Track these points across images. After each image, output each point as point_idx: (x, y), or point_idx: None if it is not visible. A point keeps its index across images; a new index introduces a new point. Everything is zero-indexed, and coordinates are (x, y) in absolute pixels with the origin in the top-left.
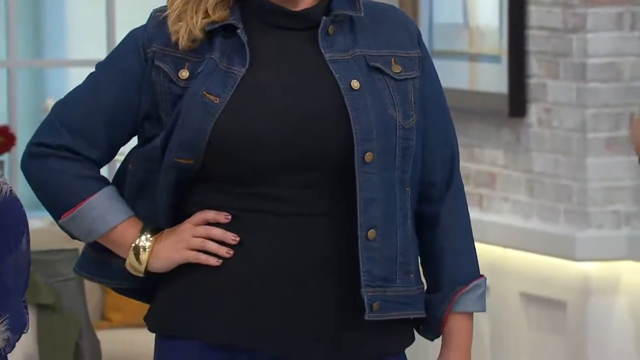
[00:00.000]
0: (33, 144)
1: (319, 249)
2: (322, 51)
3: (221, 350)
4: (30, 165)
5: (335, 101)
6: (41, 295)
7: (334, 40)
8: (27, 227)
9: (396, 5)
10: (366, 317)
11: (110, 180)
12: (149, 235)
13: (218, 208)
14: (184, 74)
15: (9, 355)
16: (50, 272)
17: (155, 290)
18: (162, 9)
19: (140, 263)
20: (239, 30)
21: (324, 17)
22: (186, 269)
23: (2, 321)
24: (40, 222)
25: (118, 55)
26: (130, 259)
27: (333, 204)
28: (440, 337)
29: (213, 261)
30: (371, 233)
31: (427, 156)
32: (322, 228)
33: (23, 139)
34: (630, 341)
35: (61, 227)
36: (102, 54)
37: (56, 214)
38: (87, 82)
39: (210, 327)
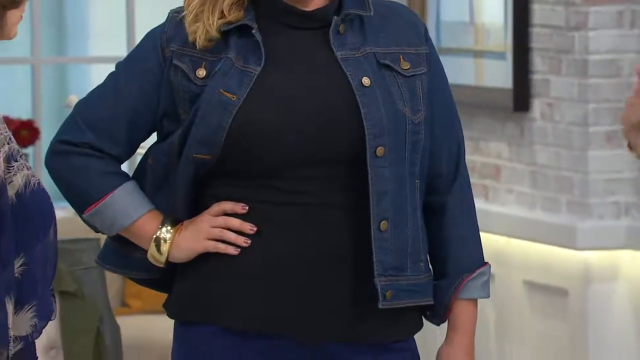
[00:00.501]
0: (57, 141)
1: (334, 240)
2: (334, 49)
3: (237, 336)
4: (54, 162)
5: (347, 98)
6: (64, 283)
7: (344, 38)
8: (55, 218)
9: (404, 3)
10: (380, 306)
11: (131, 175)
12: (169, 227)
13: (235, 200)
14: (202, 72)
15: (35, 341)
16: (73, 260)
17: (172, 281)
18: (180, 10)
19: (161, 254)
20: (253, 30)
21: (335, 17)
22: (204, 258)
23: (30, 308)
24: (63, 212)
25: (137, 56)
26: (152, 250)
27: (347, 196)
28: (446, 322)
29: (232, 250)
30: (383, 224)
31: (434, 148)
32: (337, 219)
33: (46, 132)
34: (629, 326)
35: (84, 221)
36: (122, 52)
37: (79, 209)
38: (108, 82)
39: (227, 313)
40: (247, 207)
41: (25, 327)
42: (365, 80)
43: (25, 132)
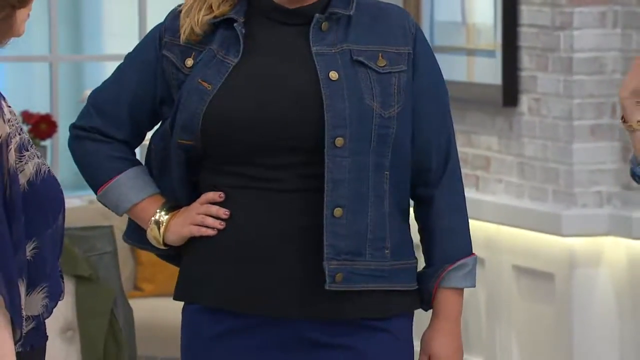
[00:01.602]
0: (73, 127)
1: (294, 224)
2: (311, 44)
3: (217, 314)
4: (72, 145)
5: (314, 90)
6: (79, 268)
7: (325, 35)
8: (64, 204)
9: (400, 4)
10: (326, 287)
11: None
12: (165, 211)
13: (216, 185)
14: (189, 62)
15: (53, 323)
16: (88, 246)
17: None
18: (180, 6)
19: (159, 236)
20: (235, 24)
21: (317, 14)
22: (194, 242)
23: (42, 289)
24: (79, 201)
25: (140, 47)
26: (152, 232)
27: (308, 182)
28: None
29: (211, 232)
30: (338, 211)
31: (422, 144)
32: (297, 204)
33: (63, 126)
34: (612, 309)
35: (99, 201)
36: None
37: (93, 189)
38: (115, 72)
39: (206, 293)
40: (223, 195)
41: (37, 307)
42: (333, 75)
43: (44, 125)
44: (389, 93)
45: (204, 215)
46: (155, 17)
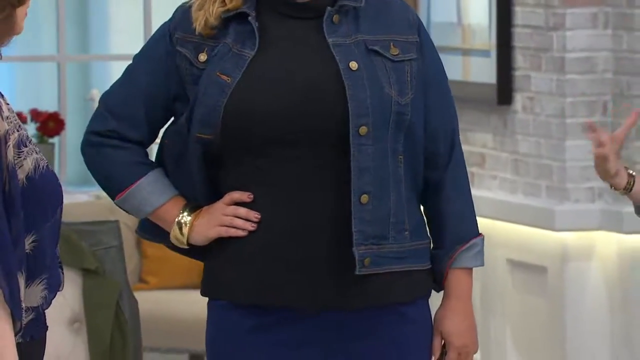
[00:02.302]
0: (89, 132)
1: (321, 213)
2: (326, 36)
3: (248, 309)
4: (88, 152)
5: (335, 81)
6: (86, 261)
7: (337, 27)
8: (62, 197)
9: None
10: (357, 272)
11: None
12: (187, 213)
13: (239, 181)
14: (203, 57)
15: (60, 315)
16: (94, 241)
17: (201, 249)
18: (188, 1)
19: (183, 236)
20: (250, 17)
21: (329, 7)
22: (222, 242)
23: (41, 281)
24: (86, 196)
25: (149, 45)
26: (175, 233)
27: (335, 172)
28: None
29: (241, 233)
30: (364, 197)
31: (431, 130)
32: (322, 194)
33: (71, 124)
34: (603, 301)
35: (118, 205)
36: (139, 48)
37: (111, 195)
38: (125, 73)
39: (237, 289)
40: (252, 196)
41: (37, 298)
42: (353, 64)
43: (52, 123)
44: (403, 81)
45: (233, 217)
46: (160, 17)
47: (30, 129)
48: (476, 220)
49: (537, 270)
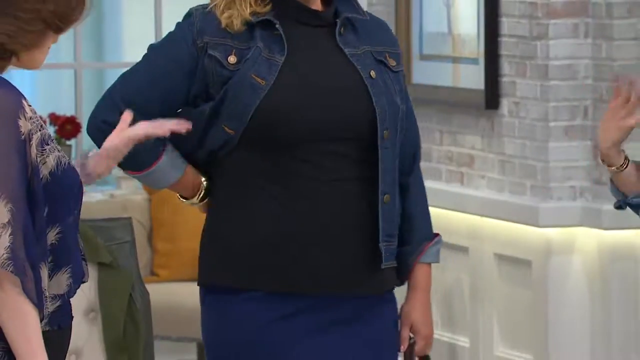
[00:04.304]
0: (100, 121)
1: (349, 208)
2: (341, 46)
3: (275, 297)
4: (97, 137)
5: (360, 87)
6: (101, 256)
7: (345, 38)
8: (82, 191)
9: (392, 16)
10: (382, 266)
11: None
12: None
13: (268, 174)
14: (232, 59)
15: (77, 305)
16: (108, 236)
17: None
18: (202, 6)
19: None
20: (277, 25)
21: (342, 17)
22: (252, 228)
23: (66, 270)
24: (100, 195)
25: (169, 44)
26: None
27: (358, 171)
28: (406, 283)
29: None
30: (386, 197)
31: (406, 136)
32: (351, 191)
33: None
34: (584, 293)
35: (138, 179)
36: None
37: (131, 171)
38: (143, 64)
39: (267, 279)
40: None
41: (63, 286)
42: (372, 73)
43: (69, 126)
44: (401, 90)
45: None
46: (170, 27)
47: (49, 131)
48: (431, 221)
49: (522, 264)
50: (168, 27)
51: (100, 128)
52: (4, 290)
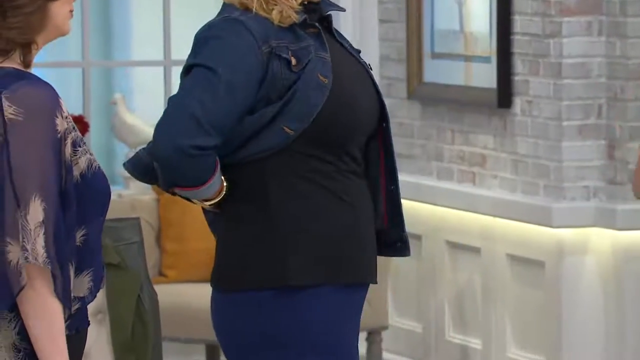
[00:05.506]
0: (189, 146)
1: (370, 201)
2: (345, 45)
3: (353, 287)
4: (179, 160)
5: (368, 79)
6: (109, 256)
7: (337, 33)
8: (110, 196)
9: (403, 14)
10: (408, 255)
11: None
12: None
13: (321, 171)
14: (294, 61)
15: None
16: (117, 237)
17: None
18: (239, 14)
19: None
20: (317, 24)
21: (324, 14)
22: (312, 224)
23: (88, 273)
24: None
25: (238, 57)
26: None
27: (373, 166)
28: None
29: None
30: (395, 189)
31: None
32: (365, 183)
33: (95, 126)
34: (597, 294)
35: (176, 194)
36: (159, 55)
37: (177, 188)
38: (217, 85)
39: (337, 271)
40: None
41: (84, 289)
42: (370, 70)
43: (77, 125)
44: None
45: None
46: (179, 26)
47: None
48: None
49: (535, 265)
50: (176, 25)
51: (187, 152)
52: (34, 288)
